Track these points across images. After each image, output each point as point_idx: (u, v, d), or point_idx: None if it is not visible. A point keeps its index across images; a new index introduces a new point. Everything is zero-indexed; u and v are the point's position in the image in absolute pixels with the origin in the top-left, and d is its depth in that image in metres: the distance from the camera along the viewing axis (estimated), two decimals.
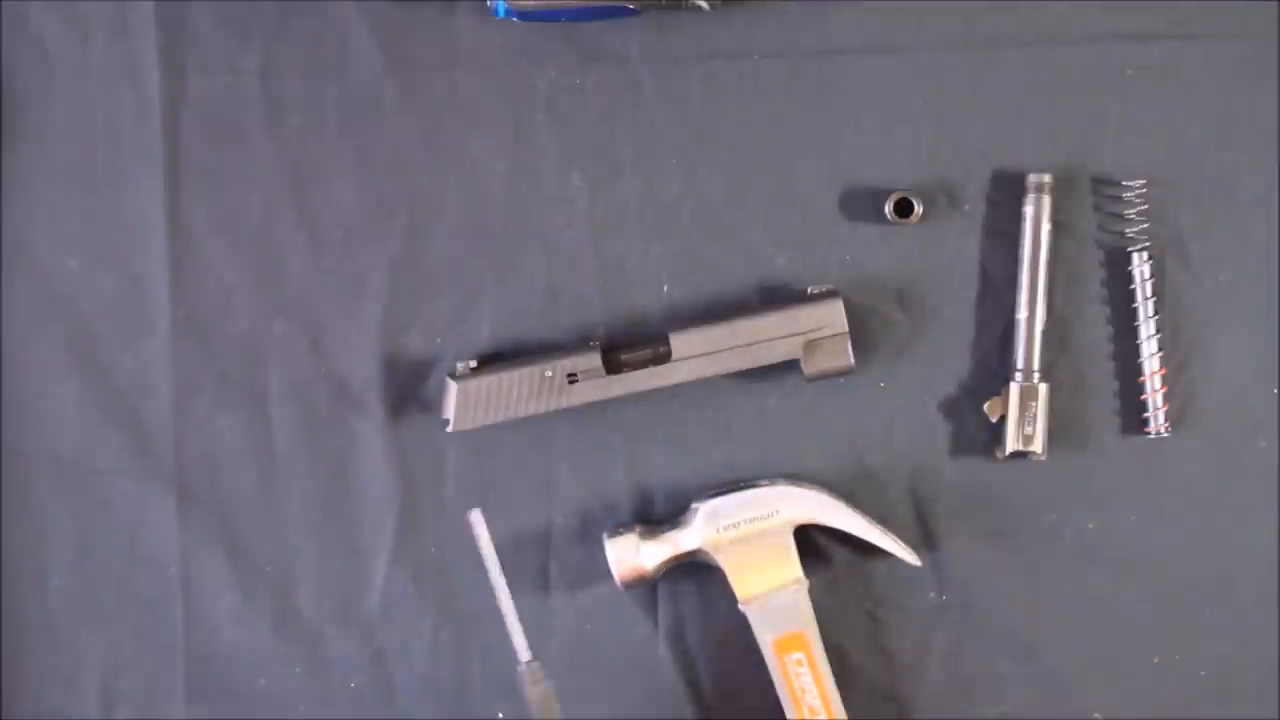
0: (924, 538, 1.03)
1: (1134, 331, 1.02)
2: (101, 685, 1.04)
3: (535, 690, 0.94)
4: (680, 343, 1.00)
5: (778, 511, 0.99)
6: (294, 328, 1.04)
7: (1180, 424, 1.01)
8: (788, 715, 0.99)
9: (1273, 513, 1.02)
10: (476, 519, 0.94)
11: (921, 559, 1.01)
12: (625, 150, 1.03)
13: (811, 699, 0.99)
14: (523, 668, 0.94)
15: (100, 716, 1.04)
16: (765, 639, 0.99)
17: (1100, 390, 1.02)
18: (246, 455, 1.04)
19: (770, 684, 1.00)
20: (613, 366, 1.00)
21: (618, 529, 1.00)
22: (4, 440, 1.04)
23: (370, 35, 1.03)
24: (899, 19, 1.02)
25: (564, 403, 0.99)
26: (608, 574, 0.99)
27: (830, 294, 1.00)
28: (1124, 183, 1.01)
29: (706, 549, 0.99)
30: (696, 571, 1.01)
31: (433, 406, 1.03)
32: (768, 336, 0.99)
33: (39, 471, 1.04)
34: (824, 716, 0.99)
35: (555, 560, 1.03)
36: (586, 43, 1.02)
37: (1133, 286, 1.01)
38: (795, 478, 1.01)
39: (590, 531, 1.02)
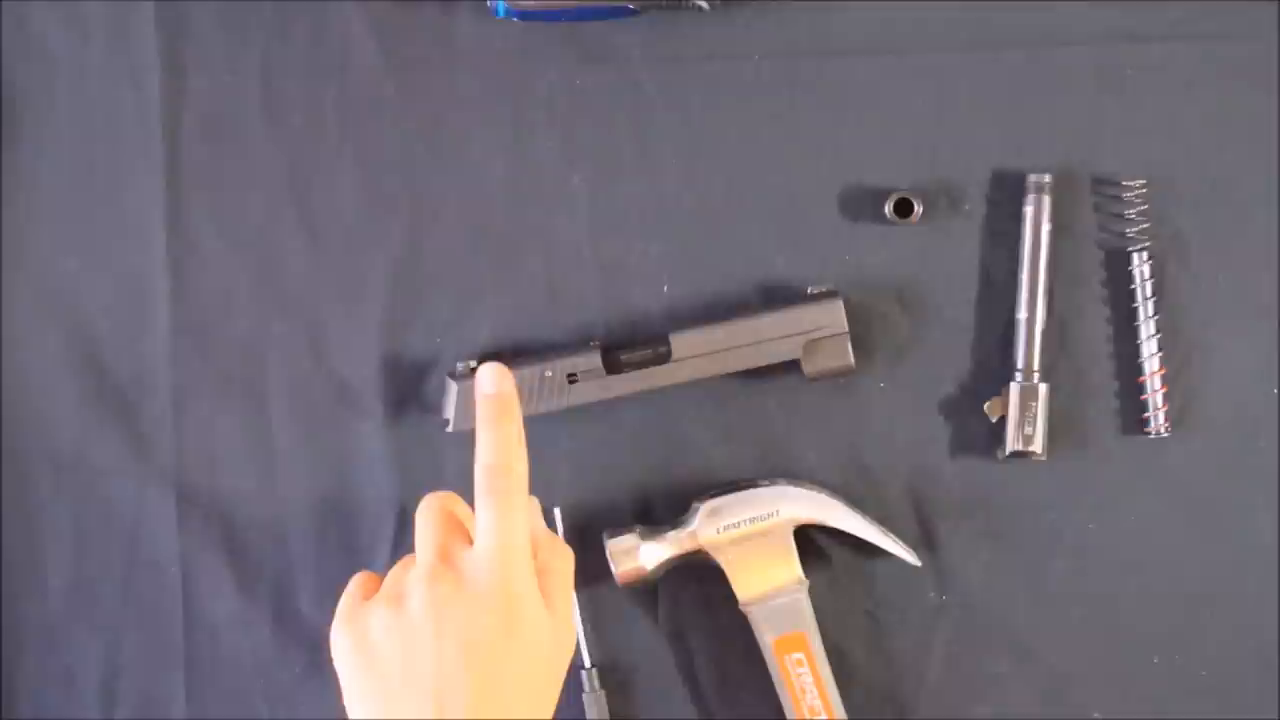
0: (924, 538, 1.03)
1: (1134, 331, 1.02)
2: (101, 685, 1.04)
3: (594, 695, 1.01)
4: (680, 343, 1.00)
5: (778, 511, 0.99)
6: (294, 328, 1.04)
7: (1180, 424, 1.01)
8: (788, 715, 0.99)
9: (1273, 513, 1.02)
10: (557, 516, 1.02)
11: (921, 559, 1.01)
12: (625, 150, 1.03)
13: (811, 699, 0.99)
14: (588, 669, 1.01)
15: (100, 716, 1.04)
16: (765, 639, 0.99)
17: (1100, 390, 1.02)
18: (246, 455, 1.04)
19: (770, 684, 1.00)
20: (613, 366, 1.00)
21: (618, 529, 1.00)
22: (4, 440, 1.04)
23: (370, 35, 1.03)
24: (899, 19, 1.02)
25: (564, 403, 0.99)
26: (608, 574, 0.99)
27: (830, 294, 1.00)
28: (1124, 183, 1.01)
29: (706, 549, 0.99)
30: (696, 571, 1.01)
31: (433, 406, 1.03)
32: (768, 336, 0.99)
33: (39, 471, 1.04)
34: (824, 716, 0.99)
35: None
36: (586, 43, 1.02)
37: (1133, 286, 1.01)
38: (795, 478, 1.01)
39: (590, 531, 1.02)
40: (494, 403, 0.88)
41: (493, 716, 0.81)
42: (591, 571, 1.01)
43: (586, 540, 1.02)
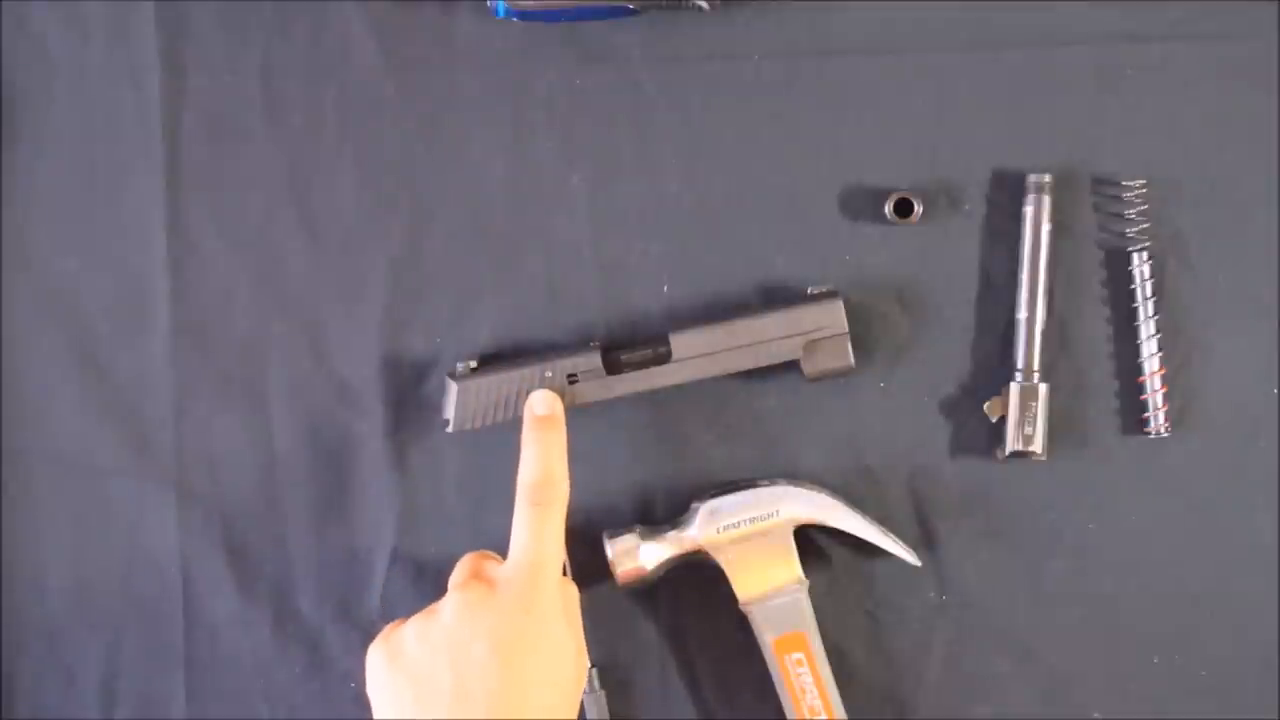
0: (924, 538, 1.03)
1: (1134, 331, 1.02)
2: (101, 685, 1.04)
3: (594, 695, 1.01)
4: (680, 343, 1.00)
5: (778, 511, 0.99)
6: (294, 328, 1.04)
7: (1180, 424, 1.01)
8: (788, 715, 0.99)
9: (1273, 513, 1.02)
10: None
11: (921, 559, 1.01)
12: (625, 150, 1.03)
13: (811, 699, 0.99)
14: (589, 669, 1.00)
15: (100, 717, 1.04)
16: (765, 639, 0.99)
17: (1100, 390, 1.02)
18: (246, 455, 1.04)
19: (770, 684, 1.00)
20: (613, 366, 1.00)
21: (618, 529, 1.00)
22: (4, 440, 1.04)
23: (370, 35, 1.03)
24: (899, 19, 1.02)
25: (564, 403, 0.99)
26: (608, 574, 0.99)
27: (830, 294, 1.00)
28: (1124, 183, 1.01)
29: (706, 549, 0.99)
30: (696, 571, 1.01)
31: (433, 406, 1.03)
32: (768, 336, 0.99)
33: (39, 471, 1.04)
34: (824, 716, 0.99)
35: None
36: (586, 43, 1.02)
37: (1133, 286, 1.01)
38: (795, 478, 1.01)
39: (590, 531, 1.02)
40: (544, 423, 0.94)
41: (521, 716, 0.82)
42: (591, 571, 1.01)
43: (587, 540, 1.02)
